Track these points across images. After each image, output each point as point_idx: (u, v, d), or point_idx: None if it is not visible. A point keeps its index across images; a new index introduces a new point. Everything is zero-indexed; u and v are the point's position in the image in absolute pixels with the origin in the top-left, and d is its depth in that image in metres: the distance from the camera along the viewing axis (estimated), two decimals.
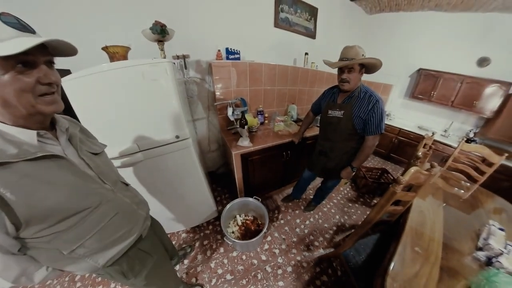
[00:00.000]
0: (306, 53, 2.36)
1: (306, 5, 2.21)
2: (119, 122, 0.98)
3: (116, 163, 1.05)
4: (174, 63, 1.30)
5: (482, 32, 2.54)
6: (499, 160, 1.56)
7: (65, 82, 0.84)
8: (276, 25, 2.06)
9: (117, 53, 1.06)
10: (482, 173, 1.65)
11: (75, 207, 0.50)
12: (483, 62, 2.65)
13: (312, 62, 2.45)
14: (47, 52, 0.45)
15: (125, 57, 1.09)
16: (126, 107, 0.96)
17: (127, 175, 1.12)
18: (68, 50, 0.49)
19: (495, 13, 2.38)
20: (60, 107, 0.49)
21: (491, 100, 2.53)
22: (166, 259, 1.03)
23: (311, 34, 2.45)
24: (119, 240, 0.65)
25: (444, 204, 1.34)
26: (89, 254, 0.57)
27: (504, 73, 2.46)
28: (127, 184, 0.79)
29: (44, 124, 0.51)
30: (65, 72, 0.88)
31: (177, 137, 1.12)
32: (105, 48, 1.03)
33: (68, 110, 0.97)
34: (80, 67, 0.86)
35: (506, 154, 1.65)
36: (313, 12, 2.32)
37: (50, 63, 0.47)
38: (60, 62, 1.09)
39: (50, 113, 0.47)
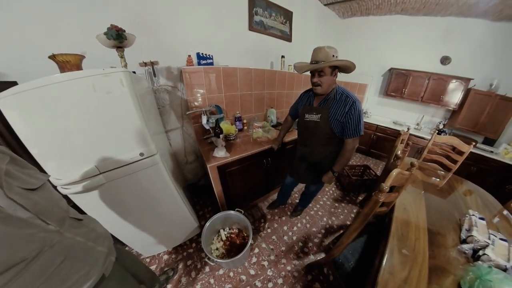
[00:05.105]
0: (283, 56, 2.35)
1: (280, 9, 2.21)
2: (73, 142, 0.84)
3: (76, 188, 0.90)
4: (135, 72, 1.18)
5: (442, 33, 2.77)
6: (468, 149, 1.66)
7: (2, 99, 0.69)
8: (251, 28, 2.02)
9: (68, 62, 0.93)
10: (454, 161, 1.74)
11: (1, 263, 0.40)
12: (445, 60, 2.89)
13: (289, 65, 2.44)
14: None
15: (78, 67, 0.95)
16: (80, 125, 0.83)
17: (91, 199, 0.98)
18: None
19: (452, 17, 2.64)
20: None
21: (455, 94, 2.76)
22: None
23: (287, 37, 2.45)
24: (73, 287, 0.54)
25: (423, 192, 1.40)
26: None
27: (463, 70, 2.71)
28: (80, 219, 0.67)
29: None
30: (10, 84, 0.73)
31: (141, 154, 0.99)
32: (52, 57, 0.90)
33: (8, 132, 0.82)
34: (29, 78, 0.72)
35: (474, 143, 1.76)
36: (288, 15, 2.33)
37: None
38: (4, 72, 0.94)
39: None
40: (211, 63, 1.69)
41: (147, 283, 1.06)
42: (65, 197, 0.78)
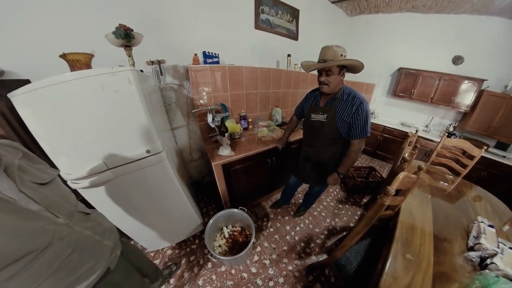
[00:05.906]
0: (289, 55, 2.33)
1: (287, 7, 2.18)
2: (82, 139, 0.87)
3: (85, 183, 0.93)
4: (142, 70, 1.20)
5: (455, 32, 2.66)
6: (479, 153, 1.60)
7: (16, 96, 0.72)
8: (257, 26, 2.01)
9: (78, 61, 0.95)
10: (464, 165, 1.68)
11: (13, 254, 0.42)
12: (457, 60, 2.78)
13: (295, 64, 2.42)
14: None
15: (88, 65, 0.98)
16: (89, 122, 0.85)
17: (99, 194, 1.01)
18: None
19: (466, 15, 2.52)
20: None
21: (467, 95, 2.65)
22: (143, 287, 0.93)
23: (293, 36, 2.42)
24: (80, 279, 0.56)
25: (430, 196, 1.37)
26: None
27: (476, 70, 2.60)
28: (87, 213, 0.69)
29: None
30: (23, 82, 0.76)
31: (148, 151, 1.01)
32: (63, 56, 0.92)
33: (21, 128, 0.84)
34: (42, 77, 0.74)
35: (485, 147, 1.70)
36: (294, 13, 2.30)
37: None
38: (18, 71, 0.93)
39: None
40: (217, 62, 1.69)
41: (150, 277, 1.09)
42: (74, 191, 0.81)
